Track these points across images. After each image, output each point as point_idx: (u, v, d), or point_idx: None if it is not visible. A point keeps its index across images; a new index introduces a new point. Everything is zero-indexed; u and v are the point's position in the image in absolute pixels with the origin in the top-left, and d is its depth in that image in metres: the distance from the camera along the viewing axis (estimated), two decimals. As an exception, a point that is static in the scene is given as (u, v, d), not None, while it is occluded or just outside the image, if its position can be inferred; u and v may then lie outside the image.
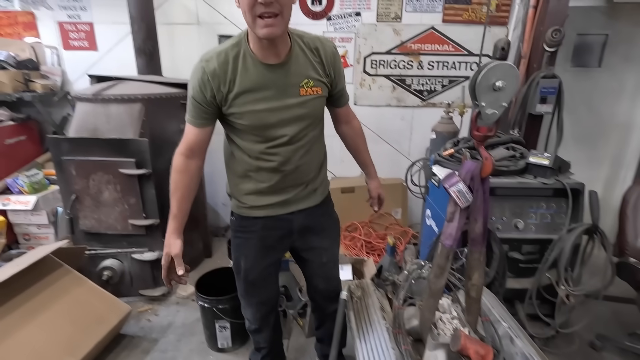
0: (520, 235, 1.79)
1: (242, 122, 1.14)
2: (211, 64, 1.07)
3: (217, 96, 1.09)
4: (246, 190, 1.26)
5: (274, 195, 1.26)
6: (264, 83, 1.10)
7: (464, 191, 0.99)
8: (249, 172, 1.23)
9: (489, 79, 0.86)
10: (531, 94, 2.38)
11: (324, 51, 1.19)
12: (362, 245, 2.77)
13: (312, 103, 1.18)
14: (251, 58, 1.09)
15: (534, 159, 1.79)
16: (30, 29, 3.01)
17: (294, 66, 1.13)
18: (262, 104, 1.11)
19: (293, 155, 1.21)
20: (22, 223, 2.74)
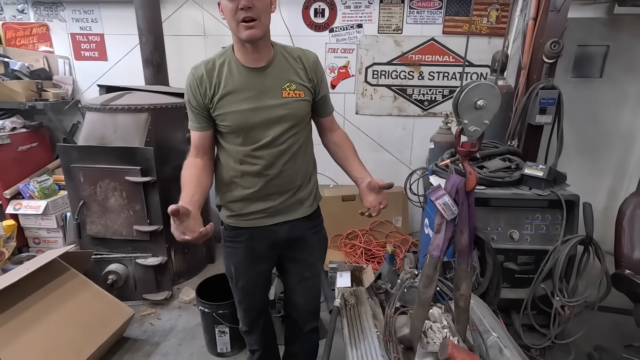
0: (515, 246, 1.81)
1: (226, 124, 1.19)
2: (199, 70, 1.17)
3: (204, 99, 1.18)
4: (232, 198, 1.29)
5: (259, 202, 1.28)
6: (246, 85, 1.17)
7: (450, 204, 1.02)
8: (234, 179, 1.26)
9: (471, 98, 0.89)
10: (530, 104, 2.40)
11: (305, 58, 1.27)
12: (362, 253, 2.80)
13: (295, 105, 1.22)
14: (235, 63, 1.18)
15: (529, 171, 1.81)
16: (44, 40, 3.14)
17: (277, 70, 1.20)
18: (244, 104, 1.17)
19: (277, 160, 1.23)
20: (33, 227, 2.83)
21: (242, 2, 1.05)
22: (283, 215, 1.33)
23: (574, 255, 1.75)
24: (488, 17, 2.80)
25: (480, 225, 1.79)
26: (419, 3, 2.82)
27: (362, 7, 2.87)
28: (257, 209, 1.29)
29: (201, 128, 1.23)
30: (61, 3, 3.04)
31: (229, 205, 1.32)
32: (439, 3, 2.82)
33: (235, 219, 1.33)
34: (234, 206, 1.31)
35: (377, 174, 3.40)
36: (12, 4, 3.06)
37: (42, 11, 3.07)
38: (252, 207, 1.29)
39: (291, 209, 1.33)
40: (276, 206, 1.30)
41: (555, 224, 1.81)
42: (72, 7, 3.04)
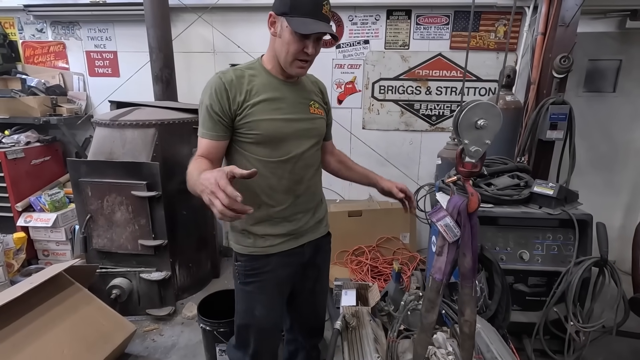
0: (525, 267, 1.74)
1: (257, 132, 1.12)
2: (228, 75, 1.12)
3: (232, 105, 1.10)
4: (255, 219, 1.19)
5: (286, 223, 1.22)
6: (279, 94, 1.16)
7: (451, 226, 0.99)
8: (260, 196, 1.17)
9: (470, 118, 0.87)
10: (540, 120, 2.36)
11: (320, 84, 1.34)
12: (368, 270, 2.74)
13: (319, 122, 1.25)
14: (267, 74, 1.17)
15: (538, 189, 1.75)
16: (60, 57, 3.25)
17: (304, 87, 1.24)
18: (278, 113, 1.14)
19: (305, 173, 1.21)
20: (42, 239, 2.87)
21: (311, 51, 1.09)
22: (308, 235, 1.29)
23: (589, 277, 1.68)
24: (495, 32, 2.79)
25: (488, 245, 1.73)
26: (426, 19, 2.83)
27: (368, 24, 2.89)
28: (284, 230, 1.22)
29: (219, 137, 1.12)
30: (78, 22, 3.15)
31: (250, 229, 1.20)
32: (445, 19, 2.82)
33: (260, 246, 1.21)
34: (258, 229, 1.20)
35: (384, 190, 3.29)
36: (32, 23, 3.19)
37: (60, 30, 3.19)
38: (279, 229, 1.21)
39: (315, 229, 1.32)
40: (302, 226, 1.26)
41: (568, 245, 1.74)
42: (88, 26, 3.15)
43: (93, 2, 2.93)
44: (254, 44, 2.86)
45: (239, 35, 2.91)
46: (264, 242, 1.21)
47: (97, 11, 2.96)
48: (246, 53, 2.88)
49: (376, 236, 2.90)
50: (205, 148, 1.12)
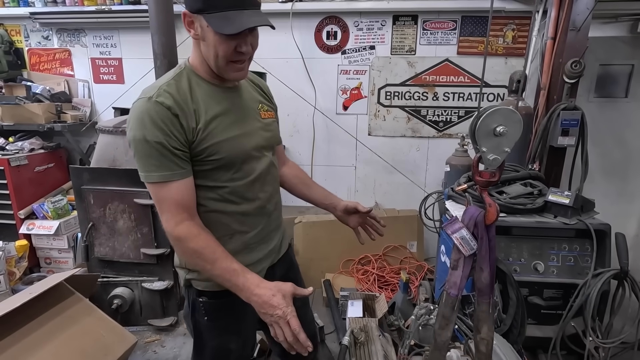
0: (540, 279, 1.67)
1: (218, 157, 0.95)
2: (166, 98, 0.89)
3: (188, 134, 0.91)
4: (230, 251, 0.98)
5: (263, 245, 1.11)
6: (228, 106, 0.99)
7: (468, 238, 0.94)
8: (232, 225, 1.03)
9: (489, 125, 0.82)
10: (551, 126, 2.30)
11: (260, 83, 1.18)
12: (374, 280, 2.67)
13: (273, 127, 1.13)
14: (204, 83, 0.98)
15: (553, 197, 1.69)
16: (66, 64, 3.25)
17: (246, 91, 1.09)
18: (234, 129, 0.98)
19: (272, 188, 1.11)
20: (45, 247, 2.84)
21: (245, 48, 0.91)
22: (278, 252, 1.19)
23: (608, 290, 1.60)
24: (504, 37, 2.75)
25: (501, 256, 1.67)
26: (432, 24, 2.80)
27: (374, 29, 2.86)
28: (261, 254, 1.10)
29: (188, 173, 0.93)
30: (83, 29, 3.15)
31: None
32: (453, 24, 2.78)
33: None
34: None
35: (391, 197, 3.30)
36: (38, 31, 3.19)
37: (65, 37, 3.19)
38: (256, 254, 1.09)
39: (283, 244, 1.22)
40: (276, 245, 1.16)
41: (585, 256, 1.67)
42: (94, 33, 3.15)
43: (98, 9, 2.93)
44: (258, 50, 2.80)
45: (244, 42, 2.88)
46: None
47: (102, 18, 2.96)
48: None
49: (382, 244, 2.84)
50: (179, 195, 0.91)
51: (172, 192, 0.91)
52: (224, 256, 0.92)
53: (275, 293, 0.87)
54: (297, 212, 2.95)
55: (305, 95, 2.96)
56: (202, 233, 0.93)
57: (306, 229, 2.78)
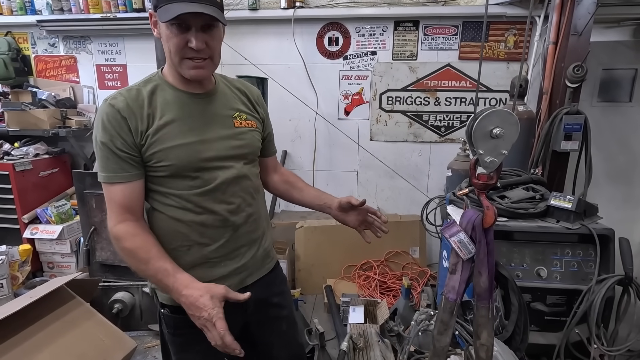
0: (543, 285, 1.64)
1: (166, 163, 0.93)
2: (119, 100, 0.91)
3: (135, 138, 0.91)
4: (189, 264, 0.97)
5: (228, 262, 1.02)
6: (189, 112, 0.96)
7: (466, 242, 0.93)
8: (190, 236, 0.98)
9: (485, 127, 0.82)
10: (554, 130, 2.28)
11: (249, 91, 1.13)
12: (376, 285, 2.65)
13: (250, 136, 1.05)
14: (171, 89, 0.97)
15: (555, 202, 1.67)
16: (72, 71, 3.30)
17: (222, 98, 1.04)
18: (190, 135, 0.95)
19: (242, 200, 1.02)
20: (48, 251, 2.86)
21: (195, 44, 0.88)
22: (254, 274, 1.10)
23: (612, 296, 1.57)
24: (505, 42, 2.74)
25: (503, 261, 1.65)
26: (434, 30, 2.80)
27: (375, 35, 2.87)
28: (226, 271, 1.02)
29: (132, 177, 0.92)
30: (89, 37, 3.20)
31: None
32: (454, 29, 2.79)
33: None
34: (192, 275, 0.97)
35: (393, 202, 3.28)
36: (45, 38, 3.25)
37: (72, 44, 3.24)
38: (219, 270, 1.01)
39: (261, 265, 1.12)
40: (247, 263, 1.06)
41: (588, 261, 1.64)
42: (99, 40, 3.20)
43: (104, 17, 2.97)
44: (260, 56, 2.86)
45: (246, 48, 2.91)
46: None
47: (108, 25, 3.01)
48: (253, 65, 2.88)
49: (385, 250, 2.82)
50: (121, 197, 0.92)
51: (116, 194, 0.92)
52: (158, 256, 0.89)
53: (204, 294, 0.84)
54: (299, 217, 2.95)
55: (307, 101, 2.97)
56: (141, 234, 0.92)
57: (307, 234, 2.77)
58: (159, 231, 0.99)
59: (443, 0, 2.72)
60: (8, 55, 3.09)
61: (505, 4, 2.63)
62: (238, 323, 1.11)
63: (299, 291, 2.66)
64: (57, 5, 3.06)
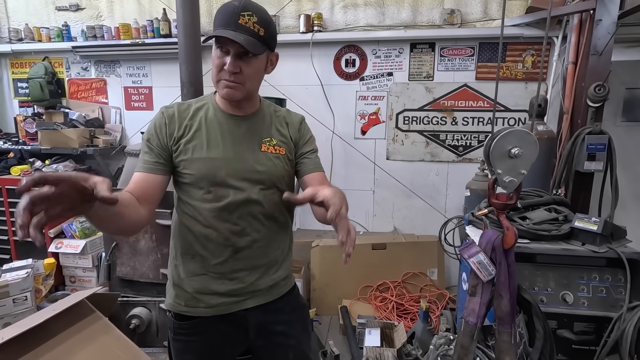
0: (570, 311, 1.57)
1: (189, 172, 1.00)
2: (170, 109, 1.04)
3: (169, 141, 1.01)
4: (191, 272, 1.04)
5: (226, 281, 1.04)
6: (222, 130, 1.04)
7: (485, 263, 0.91)
8: (194, 245, 1.03)
9: (503, 146, 0.81)
10: (576, 150, 2.23)
11: (290, 118, 1.16)
12: (393, 307, 2.59)
13: (273, 163, 1.06)
14: (214, 108, 1.07)
15: (579, 224, 1.61)
16: (101, 93, 3.48)
17: (259, 122, 1.09)
18: (215, 152, 1.02)
19: (248, 225, 1.03)
20: (70, 266, 2.94)
21: (228, 67, 0.95)
22: (254, 298, 1.08)
23: (645, 325, 1.48)
24: (523, 63, 2.74)
25: (525, 284, 1.59)
26: (450, 51, 2.84)
27: (392, 57, 2.93)
28: (221, 289, 1.04)
29: (153, 169, 0.99)
30: (119, 61, 3.39)
31: (182, 283, 1.06)
32: (470, 50, 2.81)
33: (190, 306, 1.05)
34: (190, 284, 1.04)
35: (409, 222, 3.25)
36: (78, 62, 3.46)
37: (102, 68, 3.44)
38: (214, 286, 1.04)
39: (265, 292, 1.09)
40: (246, 288, 1.06)
41: (618, 287, 1.56)
42: (128, 64, 3.38)
43: (133, 43, 3.15)
44: (279, 78, 2.95)
45: (266, 70, 3.01)
46: (196, 303, 1.05)
47: (136, 50, 3.19)
48: (272, 86, 2.97)
49: (402, 271, 2.76)
50: (133, 182, 0.98)
51: (134, 178, 1.00)
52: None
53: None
54: (315, 236, 2.94)
55: (324, 121, 3.02)
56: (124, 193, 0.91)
57: (323, 253, 2.75)
58: (176, 235, 1.07)
59: (459, 22, 2.76)
60: (44, 78, 3.30)
61: (522, 25, 2.65)
62: (239, 345, 1.12)
63: (314, 311, 2.62)
64: (91, 32, 3.27)
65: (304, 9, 2.97)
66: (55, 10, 3.42)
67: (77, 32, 3.35)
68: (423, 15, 2.84)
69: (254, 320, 1.08)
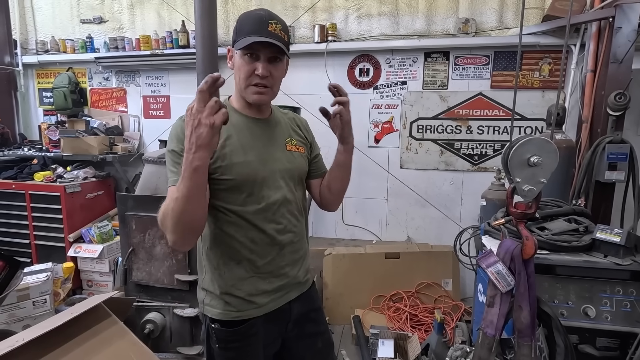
0: (592, 325, 1.51)
1: (228, 177, 1.01)
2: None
3: None
4: (239, 278, 1.06)
5: (273, 279, 1.09)
6: (251, 133, 1.07)
7: (504, 273, 0.89)
8: (241, 251, 1.05)
9: (522, 155, 0.80)
10: (596, 160, 2.18)
11: (299, 120, 1.26)
12: (407, 318, 2.54)
13: (299, 160, 1.15)
14: (235, 113, 1.08)
15: (601, 235, 1.56)
16: (121, 102, 3.59)
17: (278, 124, 1.15)
18: (251, 154, 1.04)
19: (288, 221, 1.10)
20: (88, 270, 3.00)
21: (261, 71, 0.99)
22: (294, 290, 1.16)
23: (673, 342, 1.42)
24: (540, 71, 2.71)
25: (545, 297, 1.54)
26: (465, 60, 2.83)
27: (406, 66, 2.93)
28: (270, 287, 1.09)
29: None
30: (138, 71, 3.50)
31: (232, 290, 1.06)
32: (485, 59, 2.80)
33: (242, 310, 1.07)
34: (241, 290, 1.06)
35: (423, 231, 3.21)
36: (100, 73, 3.59)
37: (123, 78, 3.55)
38: (265, 285, 1.08)
39: (301, 282, 1.18)
40: (290, 281, 1.13)
41: (643, 301, 1.50)
42: (147, 74, 3.48)
43: (153, 53, 3.25)
44: (293, 86, 2.99)
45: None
46: (248, 306, 1.07)
47: (155, 61, 3.28)
48: (287, 96, 3.01)
49: (415, 281, 2.72)
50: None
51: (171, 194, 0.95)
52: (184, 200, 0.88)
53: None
54: (327, 244, 2.93)
55: (338, 129, 3.04)
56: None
57: (336, 262, 2.74)
58: (216, 245, 1.06)
59: (473, 31, 2.75)
60: (68, 88, 3.43)
61: (539, 33, 2.62)
62: (279, 339, 1.17)
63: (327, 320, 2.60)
64: (113, 43, 3.39)
65: (319, 20, 3.01)
66: (80, 23, 3.57)
67: (100, 43, 3.48)
68: (437, 25, 2.85)
69: (296, 310, 1.15)
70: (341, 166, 1.21)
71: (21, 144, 3.55)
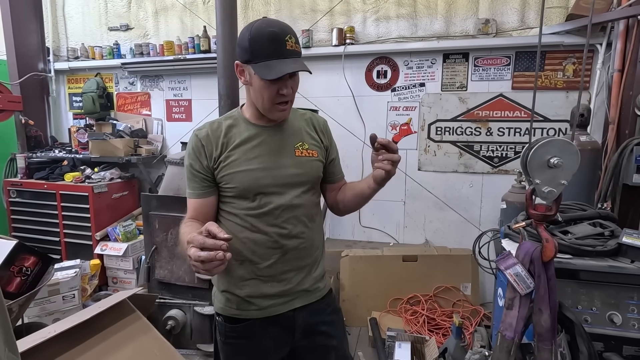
0: (618, 333, 1.46)
1: (232, 186, 1.06)
2: (203, 131, 1.09)
3: (209, 162, 1.06)
4: (240, 278, 1.09)
5: (275, 283, 1.10)
6: (257, 142, 1.09)
7: (523, 275, 0.88)
8: (243, 251, 1.08)
9: (542, 156, 0.80)
10: (624, 162, 2.11)
11: (316, 120, 1.24)
12: (424, 322, 2.52)
13: (309, 165, 1.14)
14: (245, 122, 1.11)
15: (628, 239, 1.51)
16: (145, 105, 3.72)
17: (289, 129, 1.15)
18: (254, 163, 1.07)
19: (294, 226, 1.10)
20: (113, 267, 3.12)
21: (286, 91, 1.02)
22: (300, 299, 1.14)
23: None
24: (564, 71, 2.64)
25: (568, 302, 1.51)
26: (484, 61, 2.79)
27: (424, 68, 2.92)
28: (272, 291, 1.10)
29: (203, 194, 1.08)
30: (162, 75, 3.62)
31: (233, 289, 1.11)
32: (506, 60, 2.75)
33: (242, 309, 1.11)
34: (242, 290, 1.10)
35: (442, 234, 3.19)
36: (126, 78, 3.73)
37: (147, 82, 3.68)
38: (266, 289, 1.10)
39: (310, 291, 1.16)
40: (294, 288, 1.12)
41: (674, 309, 1.44)
42: (170, 78, 3.60)
43: (176, 58, 3.36)
44: (311, 89, 3.03)
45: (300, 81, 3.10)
46: (248, 306, 1.10)
47: (178, 65, 3.39)
48: (305, 98, 3.05)
49: (433, 284, 2.70)
50: (192, 209, 1.10)
51: (191, 205, 1.10)
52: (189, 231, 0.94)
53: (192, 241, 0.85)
54: (344, 246, 2.94)
55: (355, 131, 3.05)
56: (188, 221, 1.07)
57: (353, 263, 2.74)
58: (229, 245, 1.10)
59: (494, 32, 2.71)
60: (96, 92, 3.58)
61: (562, 33, 2.56)
62: (285, 347, 1.17)
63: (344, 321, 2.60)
64: (138, 50, 3.53)
65: (337, 23, 3.04)
66: (107, 30, 3.73)
67: (126, 49, 3.62)
68: (456, 26, 2.82)
69: (301, 320, 1.14)
70: (364, 197, 1.19)
71: (52, 146, 3.73)
